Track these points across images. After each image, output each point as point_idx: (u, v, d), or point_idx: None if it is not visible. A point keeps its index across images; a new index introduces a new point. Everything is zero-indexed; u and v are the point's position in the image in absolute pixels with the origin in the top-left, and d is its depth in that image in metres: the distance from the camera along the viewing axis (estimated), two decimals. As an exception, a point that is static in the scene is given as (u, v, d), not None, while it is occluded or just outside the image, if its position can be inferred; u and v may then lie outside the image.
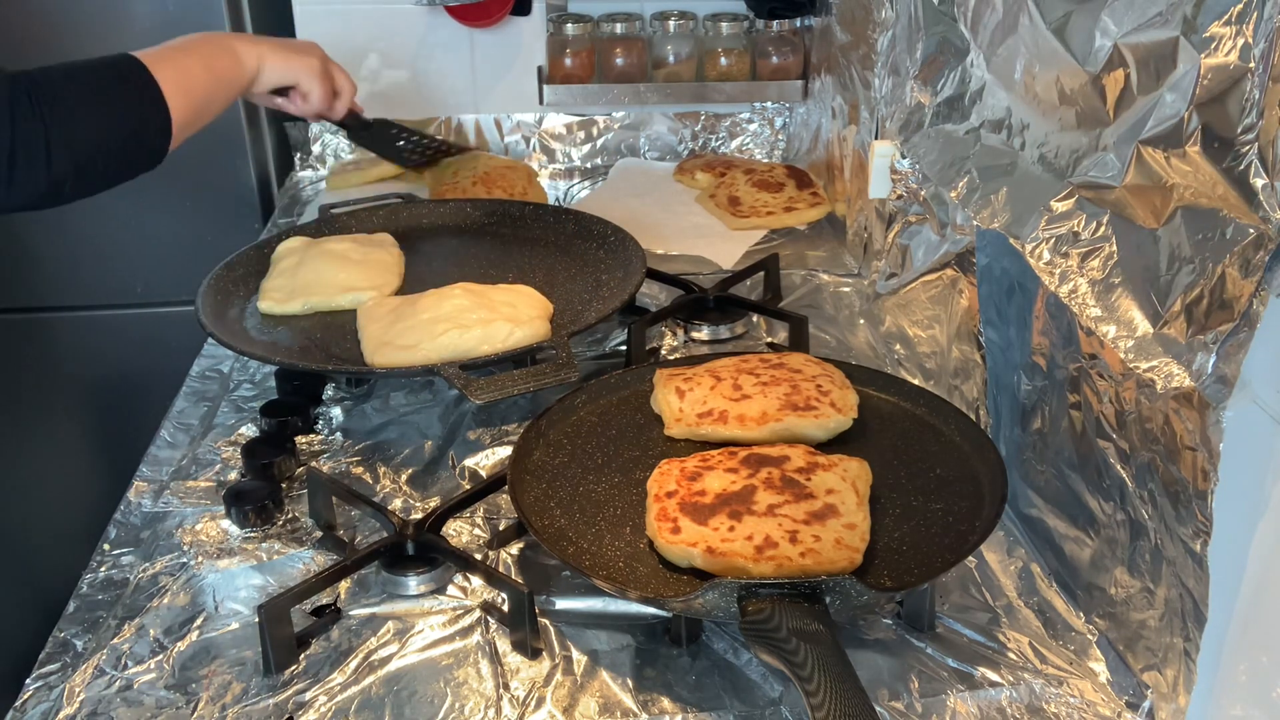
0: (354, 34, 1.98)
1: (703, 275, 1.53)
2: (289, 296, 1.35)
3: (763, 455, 1.01)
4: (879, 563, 0.93)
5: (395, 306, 1.28)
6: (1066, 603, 0.99)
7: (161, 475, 1.17)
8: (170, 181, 1.83)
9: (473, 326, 1.21)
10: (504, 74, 2.03)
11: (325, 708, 0.87)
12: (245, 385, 1.34)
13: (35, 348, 1.91)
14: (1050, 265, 0.91)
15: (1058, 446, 1.01)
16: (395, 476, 1.16)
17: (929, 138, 1.23)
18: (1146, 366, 0.80)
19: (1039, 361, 1.04)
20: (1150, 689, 0.88)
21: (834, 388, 1.12)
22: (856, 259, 1.62)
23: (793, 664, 0.77)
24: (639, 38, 1.98)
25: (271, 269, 1.40)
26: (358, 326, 1.29)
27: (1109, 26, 0.87)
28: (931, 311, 1.29)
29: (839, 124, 1.72)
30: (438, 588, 0.99)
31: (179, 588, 1.00)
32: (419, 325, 1.22)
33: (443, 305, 1.24)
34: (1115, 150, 0.87)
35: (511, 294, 1.29)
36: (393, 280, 1.40)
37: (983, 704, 0.88)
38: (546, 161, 2.08)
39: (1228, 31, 0.73)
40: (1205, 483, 0.77)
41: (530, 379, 1.14)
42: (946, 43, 1.23)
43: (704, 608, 0.85)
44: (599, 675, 0.90)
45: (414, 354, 1.19)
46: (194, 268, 1.43)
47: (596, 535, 0.97)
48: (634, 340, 1.33)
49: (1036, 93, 1.00)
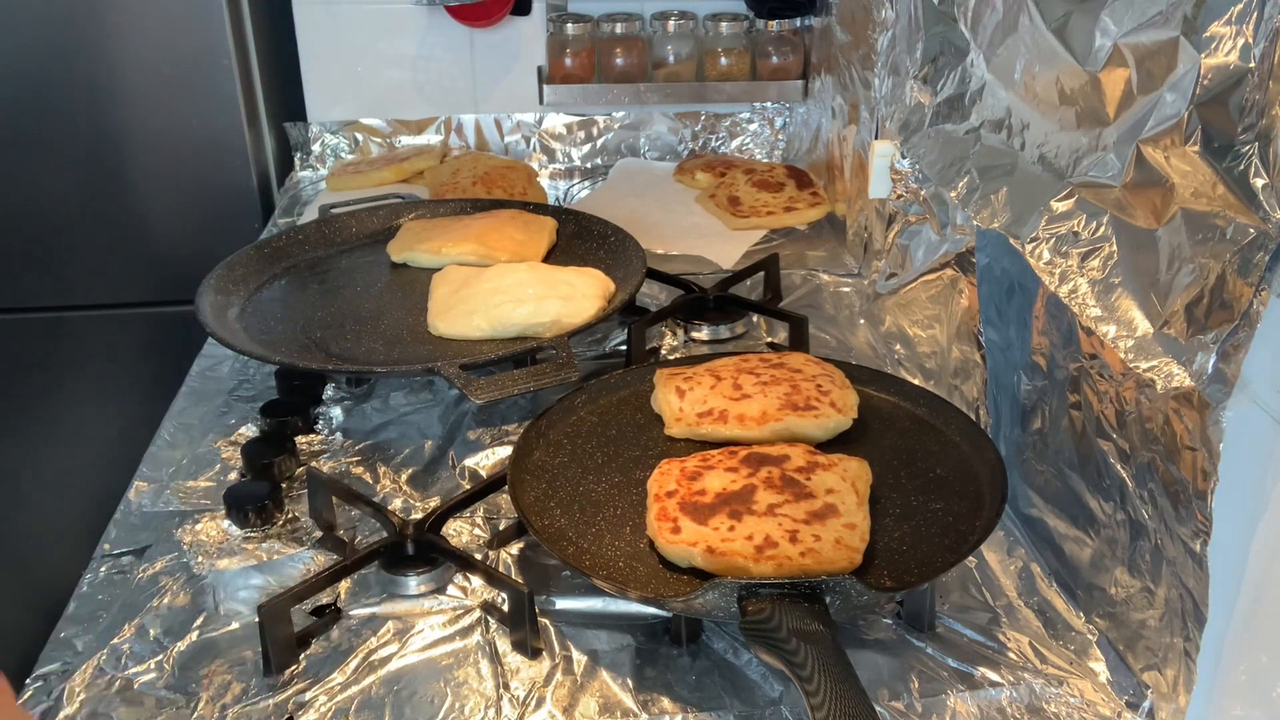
0: (354, 34, 1.98)
1: (703, 275, 1.52)
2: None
3: (763, 455, 1.01)
4: (879, 563, 0.93)
5: (466, 275, 1.35)
6: (1066, 603, 0.99)
7: (161, 475, 1.17)
8: (170, 181, 1.84)
9: (526, 301, 1.26)
10: (504, 74, 2.03)
11: (325, 708, 0.87)
12: (245, 385, 1.34)
13: (36, 348, 1.91)
14: (1050, 265, 0.91)
15: (1058, 446, 1.01)
16: (395, 476, 1.16)
17: (929, 138, 1.23)
18: (1146, 366, 0.80)
19: (1039, 361, 1.04)
20: (1150, 689, 0.88)
21: (834, 387, 1.12)
22: (856, 259, 1.62)
23: (793, 664, 0.77)
24: (639, 38, 1.98)
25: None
26: (430, 288, 1.36)
27: (1109, 26, 0.87)
28: (931, 311, 1.29)
29: (839, 124, 1.72)
30: (438, 588, 0.99)
31: (179, 588, 1.00)
32: (480, 294, 1.29)
33: (505, 278, 1.31)
34: (1115, 150, 0.87)
35: (575, 274, 1.33)
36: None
37: (983, 704, 0.88)
38: (546, 161, 2.08)
39: (1228, 31, 0.73)
40: (1205, 483, 0.77)
41: (530, 379, 1.14)
42: (946, 43, 1.23)
43: (704, 608, 0.85)
44: (599, 675, 0.90)
45: (469, 323, 1.27)
46: (194, 268, 1.43)
47: (596, 535, 0.97)
48: (634, 340, 1.33)
49: (1036, 93, 1.00)
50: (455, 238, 1.47)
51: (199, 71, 1.78)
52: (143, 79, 1.77)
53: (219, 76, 1.79)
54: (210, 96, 1.80)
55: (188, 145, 1.82)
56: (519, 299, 1.27)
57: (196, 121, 1.81)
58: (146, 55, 1.76)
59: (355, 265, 1.50)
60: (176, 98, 1.79)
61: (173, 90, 1.78)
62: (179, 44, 1.76)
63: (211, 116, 1.81)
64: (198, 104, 1.80)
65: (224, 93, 1.80)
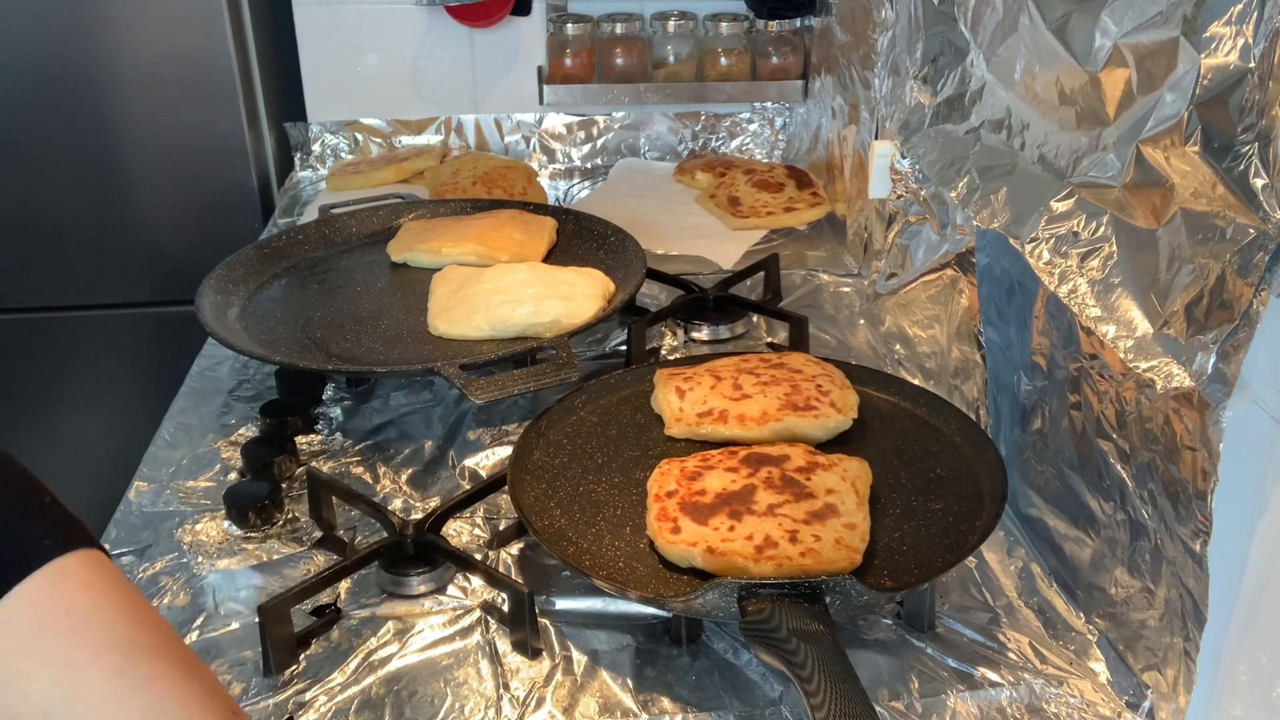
0: (354, 34, 1.98)
1: (703, 275, 1.53)
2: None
3: (763, 455, 1.01)
4: (879, 563, 0.93)
5: (466, 275, 1.35)
6: (1066, 603, 0.99)
7: (161, 475, 1.17)
8: (170, 181, 1.84)
9: (526, 301, 1.27)
10: (504, 74, 2.03)
11: (325, 708, 0.87)
12: (245, 385, 1.34)
13: (36, 347, 1.91)
14: (1050, 265, 0.91)
15: (1058, 446, 1.01)
16: (395, 476, 1.16)
17: (929, 138, 1.23)
18: (1146, 366, 0.80)
19: (1039, 361, 1.04)
20: (1150, 689, 0.88)
21: (834, 387, 1.12)
22: (856, 259, 1.62)
23: (793, 664, 0.77)
24: (639, 38, 1.98)
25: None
26: (430, 288, 1.36)
27: (1109, 26, 0.87)
28: (931, 311, 1.29)
29: (839, 124, 1.72)
30: (438, 588, 0.99)
31: (179, 588, 1.00)
32: (480, 294, 1.29)
33: (504, 278, 1.31)
34: (1115, 150, 0.87)
35: (575, 274, 1.33)
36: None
37: (983, 704, 0.88)
38: (546, 161, 2.08)
39: (1228, 31, 0.73)
40: (1205, 483, 0.77)
41: (530, 379, 1.14)
42: (946, 43, 1.23)
43: (704, 608, 0.85)
44: (599, 675, 0.90)
45: (469, 323, 1.27)
46: (194, 268, 1.43)
47: (596, 535, 0.97)
48: (634, 340, 1.33)
49: (1036, 93, 1.00)
50: (455, 238, 1.47)
51: (199, 71, 1.78)
52: (143, 79, 1.77)
53: (219, 76, 1.79)
54: (210, 96, 1.80)
55: (188, 145, 1.82)
56: (519, 299, 1.27)
57: (196, 121, 1.81)
58: (146, 55, 1.76)
59: (355, 265, 1.51)
60: (176, 98, 1.79)
61: (173, 90, 1.78)
62: (179, 44, 1.76)
63: (211, 116, 1.81)
64: (198, 104, 1.80)
65: (224, 93, 1.80)
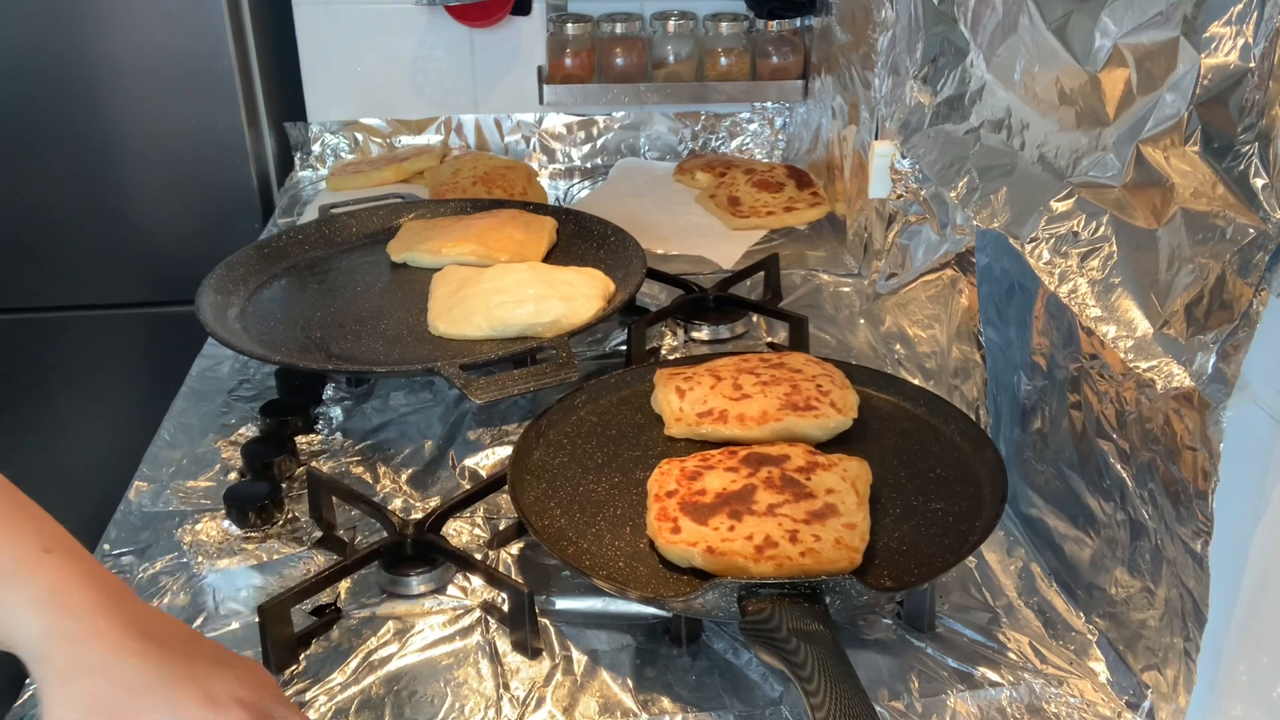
0: (354, 34, 1.98)
1: (703, 275, 1.52)
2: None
3: (763, 455, 1.01)
4: (879, 563, 0.93)
5: (466, 275, 1.35)
6: (1066, 603, 0.99)
7: (161, 475, 1.17)
8: (170, 181, 1.84)
9: (526, 301, 1.27)
10: (504, 74, 2.03)
11: (325, 708, 0.87)
12: (245, 385, 1.34)
13: (36, 348, 1.91)
14: (1050, 265, 0.91)
15: (1058, 446, 1.01)
16: (395, 476, 1.16)
17: (929, 138, 1.23)
18: (1146, 366, 0.80)
19: (1039, 361, 1.04)
20: (1150, 689, 0.88)
21: (834, 387, 1.12)
22: (856, 259, 1.62)
23: (793, 664, 0.77)
24: (639, 38, 1.98)
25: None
26: (430, 288, 1.36)
27: (1109, 26, 0.87)
28: (931, 311, 1.29)
29: (839, 124, 1.72)
30: (438, 588, 0.99)
31: (179, 588, 1.00)
32: (480, 294, 1.29)
33: (504, 278, 1.31)
34: (1115, 150, 0.87)
35: (575, 274, 1.33)
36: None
37: (983, 704, 0.88)
38: (546, 161, 2.08)
39: (1228, 31, 0.73)
40: (1205, 483, 0.77)
41: (530, 379, 1.14)
42: (946, 43, 1.23)
43: (704, 608, 0.85)
44: (599, 675, 0.90)
45: (469, 323, 1.27)
46: (194, 268, 1.43)
47: (596, 535, 0.97)
48: (634, 340, 1.33)
49: (1036, 93, 1.00)
50: (455, 238, 1.47)
51: (199, 71, 1.78)
52: (143, 79, 1.77)
53: (219, 76, 1.79)
54: (210, 96, 1.80)
55: (188, 145, 1.82)
56: (519, 299, 1.27)
57: (196, 121, 1.81)
58: (146, 55, 1.76)
59: (355, 265, 1.50)
60: (176, 98, 1.79)
61: (173, 90, 1.78)
62: (179, 44, 1.76)
63: (211, 116, 1.81)
64: (198, 104, 1.80)
65: (224, 93, 1.80)
